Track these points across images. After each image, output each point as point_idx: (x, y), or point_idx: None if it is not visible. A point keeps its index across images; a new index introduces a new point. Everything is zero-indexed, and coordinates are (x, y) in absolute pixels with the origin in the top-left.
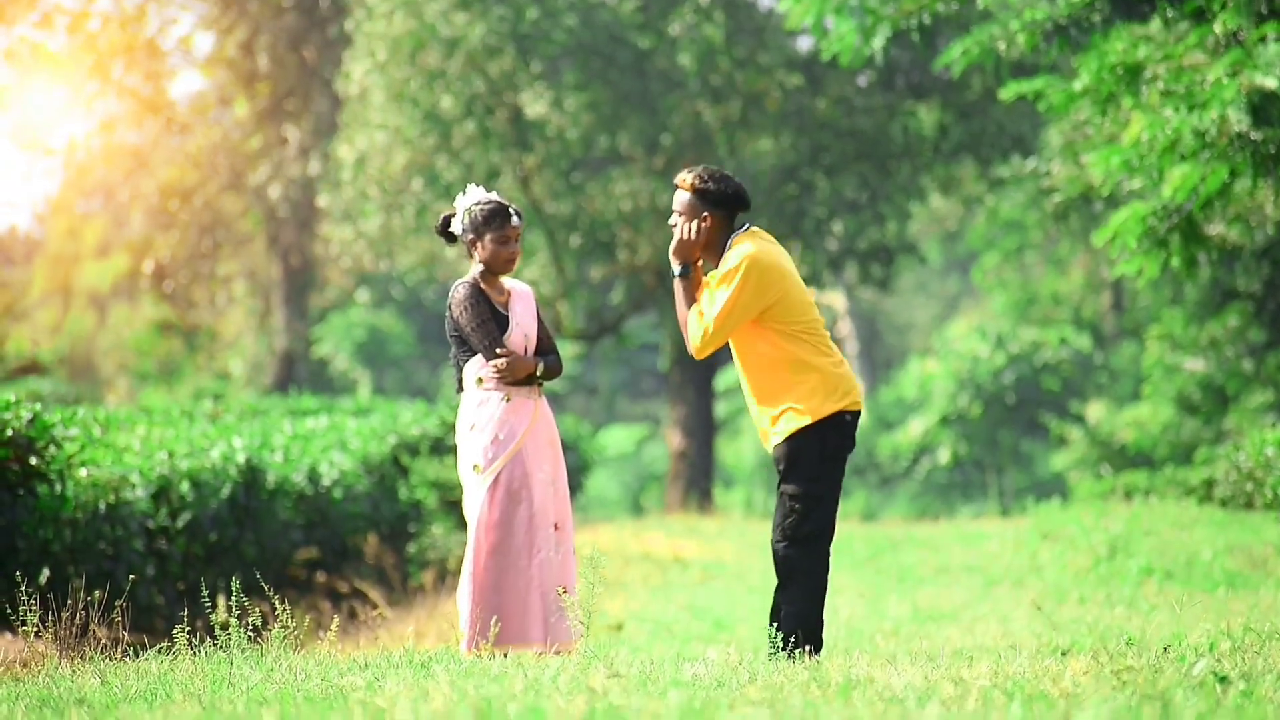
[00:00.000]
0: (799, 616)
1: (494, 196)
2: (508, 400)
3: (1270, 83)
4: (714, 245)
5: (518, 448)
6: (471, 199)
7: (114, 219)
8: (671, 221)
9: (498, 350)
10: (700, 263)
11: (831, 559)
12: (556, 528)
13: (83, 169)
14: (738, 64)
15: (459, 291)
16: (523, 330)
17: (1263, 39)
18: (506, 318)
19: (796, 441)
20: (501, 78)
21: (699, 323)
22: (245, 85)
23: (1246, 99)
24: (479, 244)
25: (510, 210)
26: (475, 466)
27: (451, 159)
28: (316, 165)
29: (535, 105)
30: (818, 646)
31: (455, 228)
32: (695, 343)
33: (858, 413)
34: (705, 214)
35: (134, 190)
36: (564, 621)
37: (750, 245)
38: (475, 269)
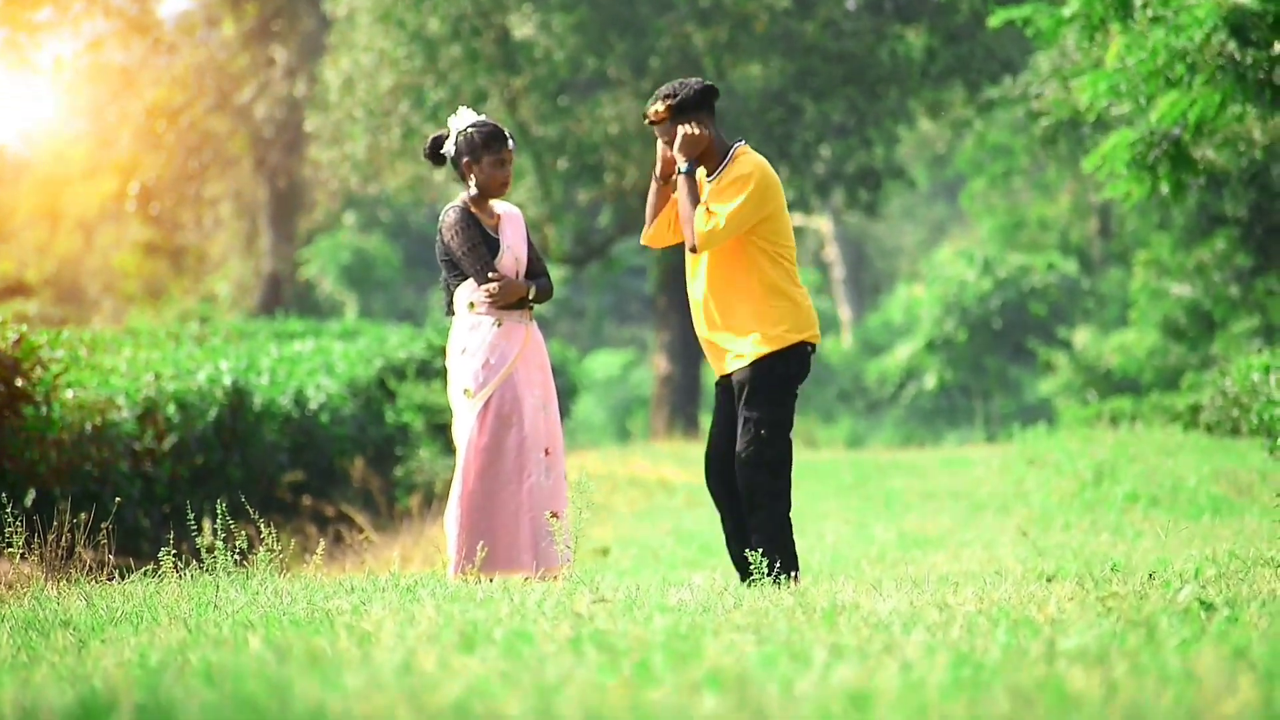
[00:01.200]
0: (773, 540)
1: (487, 119)
2: (499, 324)
3: (1248, 1)
4: (711, 146)
5: (509, 371)
6: (465, 121)
7: (101, 140)
8: (663, 151)
9: (490, 274)
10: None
11: (818, 485)
12: (547, 452)
13: (70, 89)
14: None
15: (449, 215)
16: (514, 253)
17: None
18: (497, 241)
19: (764, 366)
20: None
21: (708, 218)
22: (232, 5)
23: (1226, 19)
24: (475, 167)
25: (506, 133)
26: (466, 391)
27: (438, 81)
28: (303, 87)
29: (522, 27)
30: (796, 567)
31: (447, 149)
32: (701, 237)
33: (816, 345)
34: (701, 121)
35: (121, 111)
36: (552, 546)
37: (757, 156)
38: (467, 192)
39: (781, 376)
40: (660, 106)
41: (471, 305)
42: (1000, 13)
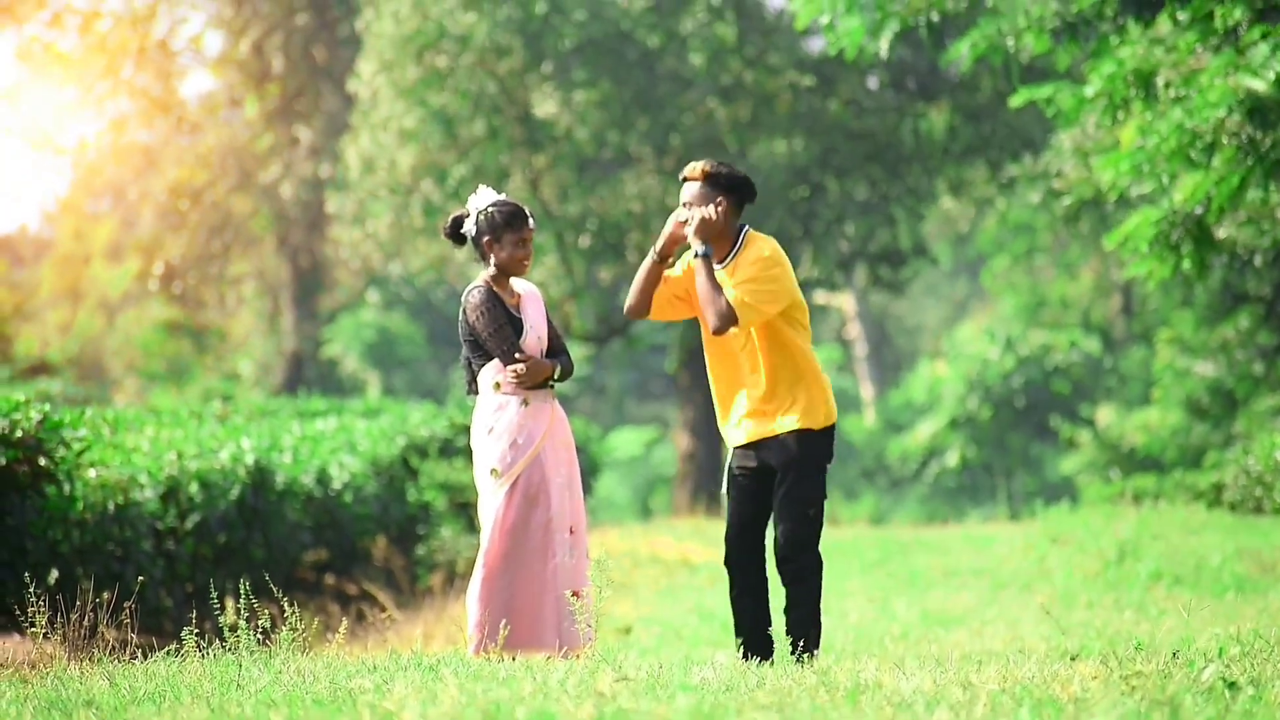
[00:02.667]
0: (811, 619)
1: (508, 198)
2: (526, 404)
3: (1259, 85)
4: (725, 232)
5: (536, 451)
6: (485, 200)
7: (123, 219)
8: (680, 216)
9: (516, 355)
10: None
11: (842, 562)
12: (571, 531)
13: (93, 168)
14: (748, 63)
15: (474, 296)
16: (536, 332)
17: (1254, 41)
18: (521, 320)
19: (809, 442)
20: (510, 76)
21: (738, 298)
22: (255, 85)
23: (1239, 102)
24: (496, 246)
25: (527, 212)
26: (494, 471)
27: (460, 159)
28: (327, 166)
29: (544, 104)
30: (819, 644)
31: (468, 228)
32: (733, 317)
33: None
34: (719, 198)
35: (143, 190)
36: (574, 626)
37: (771, 240)
38: (487, 271)
39: (824, 455)
40: (699, 167)
41: (497, 385)
42: (1022, 92)
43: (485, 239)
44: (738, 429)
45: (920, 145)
